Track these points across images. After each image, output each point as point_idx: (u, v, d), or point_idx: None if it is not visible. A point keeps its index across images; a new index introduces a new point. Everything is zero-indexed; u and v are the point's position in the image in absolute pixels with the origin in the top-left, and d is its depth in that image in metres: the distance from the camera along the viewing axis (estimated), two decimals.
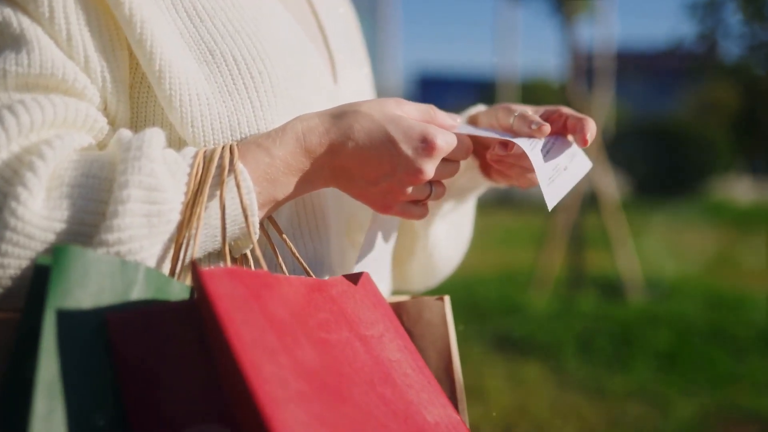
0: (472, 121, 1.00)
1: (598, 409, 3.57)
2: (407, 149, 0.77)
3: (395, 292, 1.15)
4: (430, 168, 0.78)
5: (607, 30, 6.49)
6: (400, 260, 1.14)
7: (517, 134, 0.88)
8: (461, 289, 5.80)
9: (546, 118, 0.93)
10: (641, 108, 16.61)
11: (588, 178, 5.81)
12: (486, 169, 1.01)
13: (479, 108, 1.01)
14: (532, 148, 0.86)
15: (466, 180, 1.03)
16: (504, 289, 5.79)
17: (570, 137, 0.92)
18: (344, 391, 0.63)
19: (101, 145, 0.79)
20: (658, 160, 11.89)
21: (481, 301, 5.44)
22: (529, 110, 0.92)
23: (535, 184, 0.96)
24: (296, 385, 0.57)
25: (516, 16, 14.86)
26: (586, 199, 5.88)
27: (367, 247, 0.89)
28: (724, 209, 11.07)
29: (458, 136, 0.82)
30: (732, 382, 3.80)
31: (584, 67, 5.91)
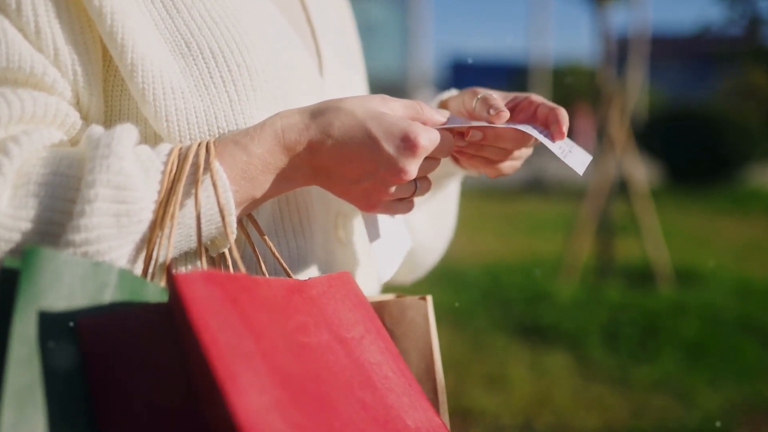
0: (443, 107, 0.98)
1: (621, 399, 3.54)
2: (389, 148, 0.75)
3: (386, 287, 1.14)
4: (413, 167, 0.76)
5: (641, 13, 6.38)
6: None
7: (476, 118, 0.86)
8: (486, 276, 5.77)
9: (515, 105, 0.91)
10: (676, 93, 16.36)
11: (617, 164, 5.74)
12: (455, 157, 0.99)
13: (451, 93, 1.00)
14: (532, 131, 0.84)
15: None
16: (530, 277, 5.74)
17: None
18: (323, 397, 0.62)
19: (74, 141, 0.78)
20: (692, 146, 11.68)
21: (506, 289, 5.40)
22: (495, 94, 0.90)
23: (503, 174, 0.95)
24: (274, 393, 0.56)
25: (549, 1, 14.69)
26: (615, 186, 5.80)
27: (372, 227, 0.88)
28: (760, 197, 10.87)
29: (442, 132, 0.80)
30: (760, 374, 3.75)
31: (616, 52, 5.82)
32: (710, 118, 12.01)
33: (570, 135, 0.87)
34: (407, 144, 0.74)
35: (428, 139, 0.76)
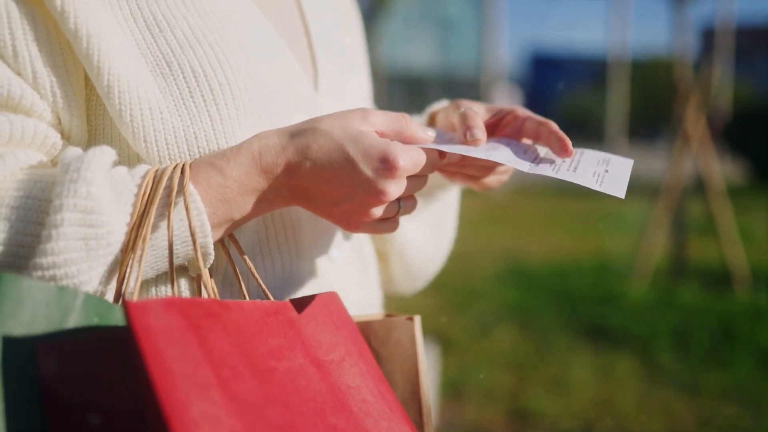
0: (432, 119, 0.97)
1: (689, 406, 3.43)
2: (367, 170, 0.73)
3: (387, 296, 1.13)
4: (393, 189, 0.74)
5: (726, 3, 6.18)
6: (384, 262, 1.12)
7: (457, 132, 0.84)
8: (556, 275, 5.68)
9: (499, 119, 0.89)
10: (764, 87, 15.76)
11: (694, 161, 5.57)
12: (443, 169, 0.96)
13: (442, 104, 0.98)
14: (533, 164, 0.80)
15: None
16: (600, 277, 5.63)
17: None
18: (287, 425, 0.61)
19: (56, 161, 0.78)
20: None
21: (576, 289, 5.31)
22: (481, 109, 0.89)
23: (489, 188, 0.95)
24: (229, 423, 0.55)
25: None
26: (691, 184, 5.63)
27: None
28: None
29: (426, 150, 0.77)
30: None
31: (696, 45, 5.65)
32: None
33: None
34: (386, 166, 0.72)
35: (408, 160, 0.73)
